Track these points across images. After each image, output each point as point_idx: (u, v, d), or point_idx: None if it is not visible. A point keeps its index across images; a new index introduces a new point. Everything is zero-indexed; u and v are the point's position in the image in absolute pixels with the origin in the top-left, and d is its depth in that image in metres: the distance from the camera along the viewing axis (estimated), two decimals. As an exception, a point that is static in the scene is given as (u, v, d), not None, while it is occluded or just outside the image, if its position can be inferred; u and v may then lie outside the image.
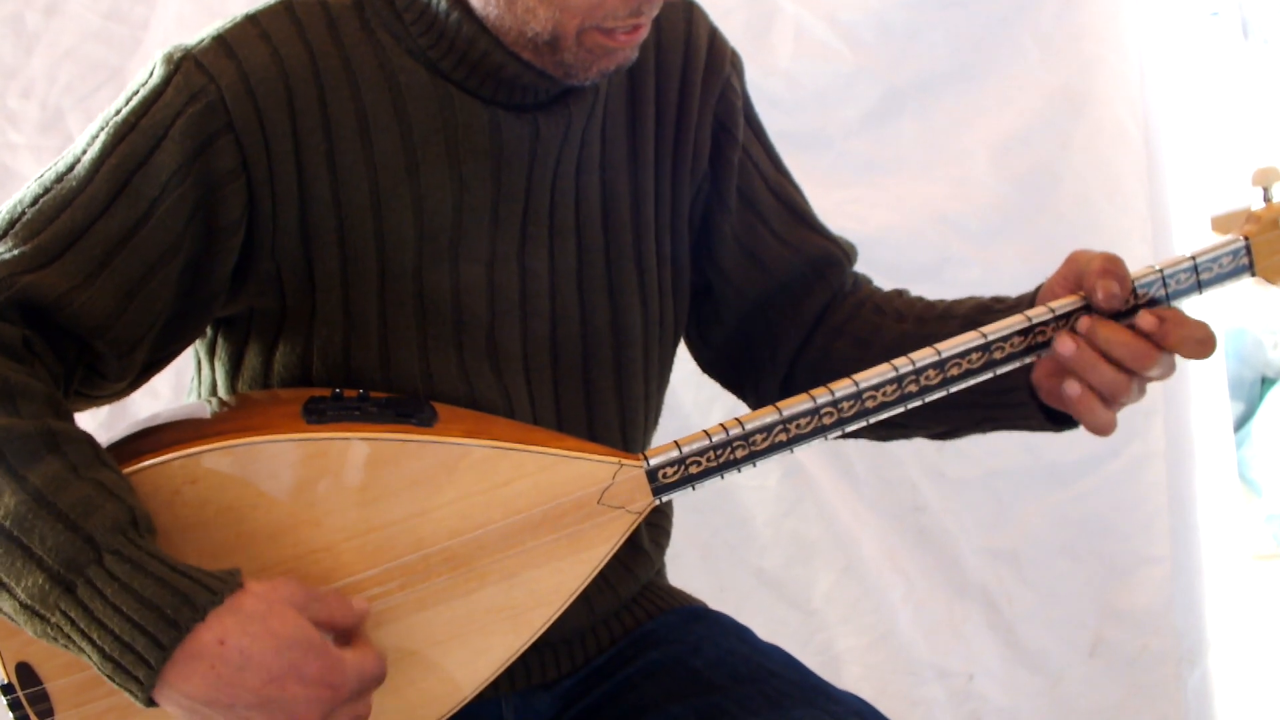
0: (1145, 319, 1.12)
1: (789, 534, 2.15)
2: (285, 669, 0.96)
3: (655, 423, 1.35)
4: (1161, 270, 1.14)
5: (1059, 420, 1.22)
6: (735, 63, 1.32)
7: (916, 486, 2.15)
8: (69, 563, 0.94)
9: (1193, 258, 1.15)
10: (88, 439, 1.01)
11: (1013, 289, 1.25)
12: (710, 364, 1.40)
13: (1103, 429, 1.13)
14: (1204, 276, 1.15)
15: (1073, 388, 1.12)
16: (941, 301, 1.29)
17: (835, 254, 1.34)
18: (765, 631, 1.36)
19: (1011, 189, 2.14)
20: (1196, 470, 2.17)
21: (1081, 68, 2.12)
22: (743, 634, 1.34)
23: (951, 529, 2.17)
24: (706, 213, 1.31)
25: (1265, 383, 3.42)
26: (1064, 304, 1.14)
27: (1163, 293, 1.14)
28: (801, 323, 1.33)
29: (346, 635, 1.03)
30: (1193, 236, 2.13)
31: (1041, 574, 2.18)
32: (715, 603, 1.41)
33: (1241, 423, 3.33)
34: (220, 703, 0.95)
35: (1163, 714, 2.18)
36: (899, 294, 1.34)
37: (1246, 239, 1.16)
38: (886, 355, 1.13)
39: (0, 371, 1.00)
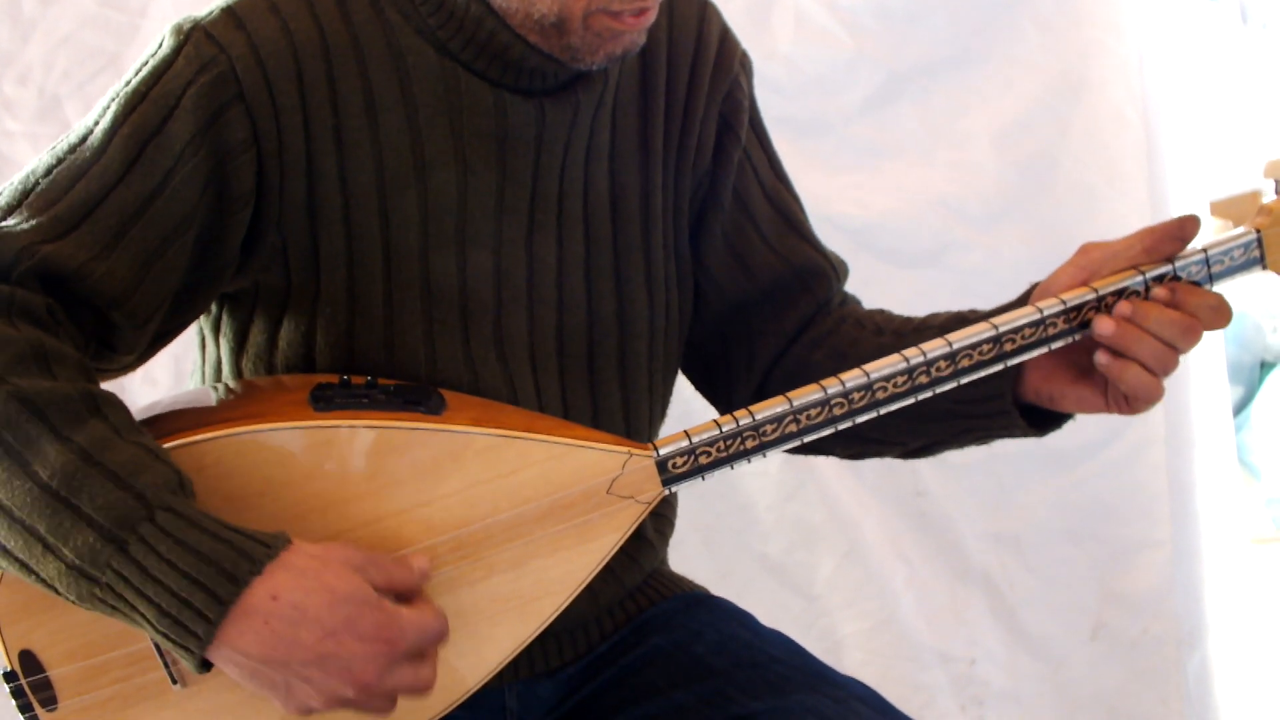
0: (1157, 291, 1.12)
1: (791, 520, 2.15)
2: (340, 624, 0.95)
3: (662, 415, 1.34)
4: (1173, 263, 1.14)
5: (1043, 425, 1.21)
6: (745, 63, 1.31)
7: (918, 472, 2.15)
8: (121, 520, 0.93)
9: (1204, 250, 1.14)
10: (124, 405, 1.01)
11: (1013, 273, 1.25)
12: (687, 363, 1.39)
13: (1148, 392, 1.11)
14: (1215, 269, 1.15)
15: (1102, 355, 1.11)
16: (918, 316, 1.28)
17: (824, 267, 1.33)
18: (767, 617, 1.36)
19: (1012, 174, 2.14)
20: (1196, 455, 2.17)
21: (1081, 53, 2.12)
22: (744, 620, 1.34)
23: (953, 514, 2.17)
24: (702, 209, 1.31)
25: (1264, 367, 3.41)
26: (1075, 296, 1.13)
27: None
28: (782, 333, 1.32)
29: (408, 598, 1.02)
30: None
31: (1042, 559, 2.19)
32: (717, 589, 1.41)
33: (1241, 407, 3.33)
34: (276, 660, 0.95)
35: (1163, 697, 2.19)
36: (880, 311, 1.33)
37: (1258, 231, 1.15)
38: None
39: (34, 336, 0.99)
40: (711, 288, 1.32)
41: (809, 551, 2.15)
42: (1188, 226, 1.13)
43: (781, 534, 2.15)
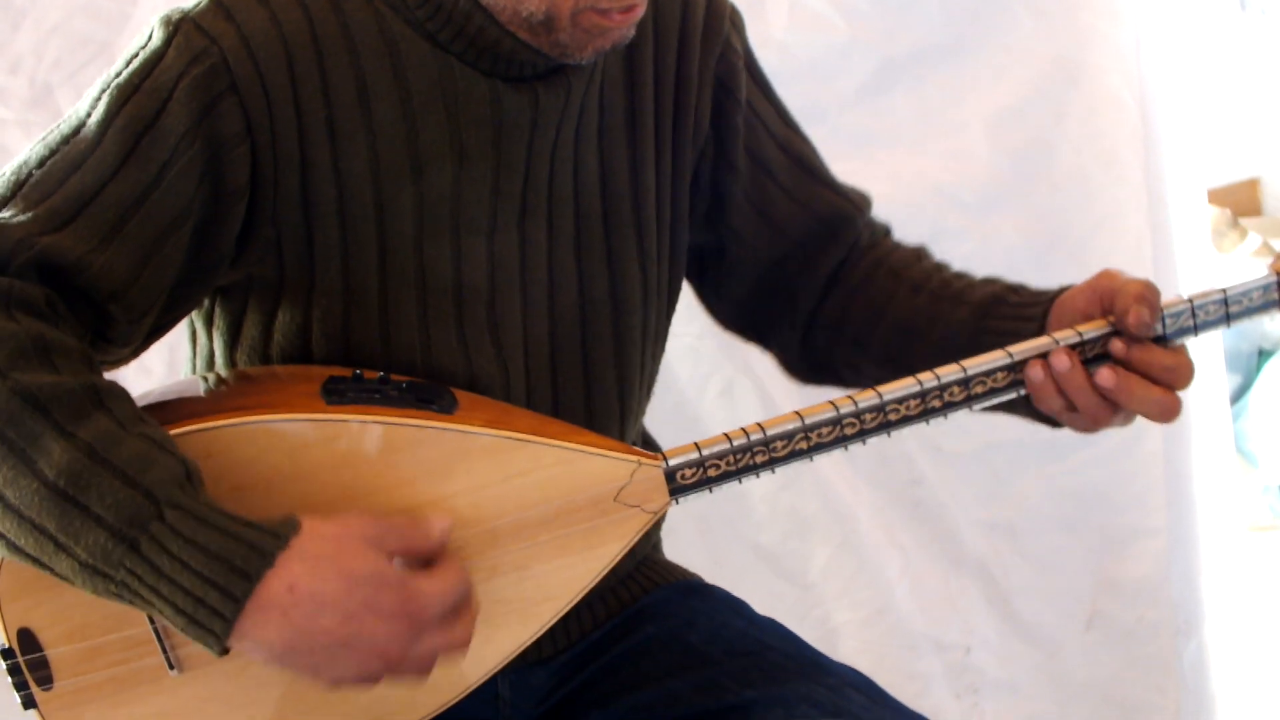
0: (1115, 345, 1.15)
1: (786, 508, 2.15)
2: (360, 606, 0.95)
3: (650, 391, 1.34)
4: (1191, 301, 1.16)
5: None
6: (735, 20, 1.31)
7: (913, 460, 2.15)
8: (131, 519, 0.93)
9: (1223, 291, 1.17)
10: (127, 395, 1.00)
11: (1008, 261, 1.25)
12: (728, 319, 1.41)
13: (1095, 411, 1.16)
14: (1233, 310, 1.17)
15: (1035, 367, 1.15)
16: (959, 278, 1.29)
17: (847, 210, 1.34)
18: (762, 606, 1.36)
19: (1007, 161, 2.13)
20: (1193, 442, 2.17)
21: (1077, 39, 2.11)
22: (739, 608, 1.34)
23: (948, 502, 2.17)
24: (714, 176, 1.31)
25: (1262, 355, 3.41)
26: (1091, 329, 1.15)
27: (1191, 323, 1.16)
28: (816, 280, 1.34)
29: (430, 560, 1.02)
30: (1188, 209, 2.12)
31: (1038, 547, 2.19)
32: (712, 577, 1.41)
33: (1238, 395, 3.32)
34: (301, 648, 0.95)
35: (1158, 685, 2.19)
36: (918, 257, 1.34)
37: (1278, 275, 1.18)
38: (898, 328, 1.16)
39: (34, 329, 0.98)
40: (744, 250, 1.33)
41: (803, 540, 2.15)
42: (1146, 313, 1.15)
43: (776, 523, 2.15)
